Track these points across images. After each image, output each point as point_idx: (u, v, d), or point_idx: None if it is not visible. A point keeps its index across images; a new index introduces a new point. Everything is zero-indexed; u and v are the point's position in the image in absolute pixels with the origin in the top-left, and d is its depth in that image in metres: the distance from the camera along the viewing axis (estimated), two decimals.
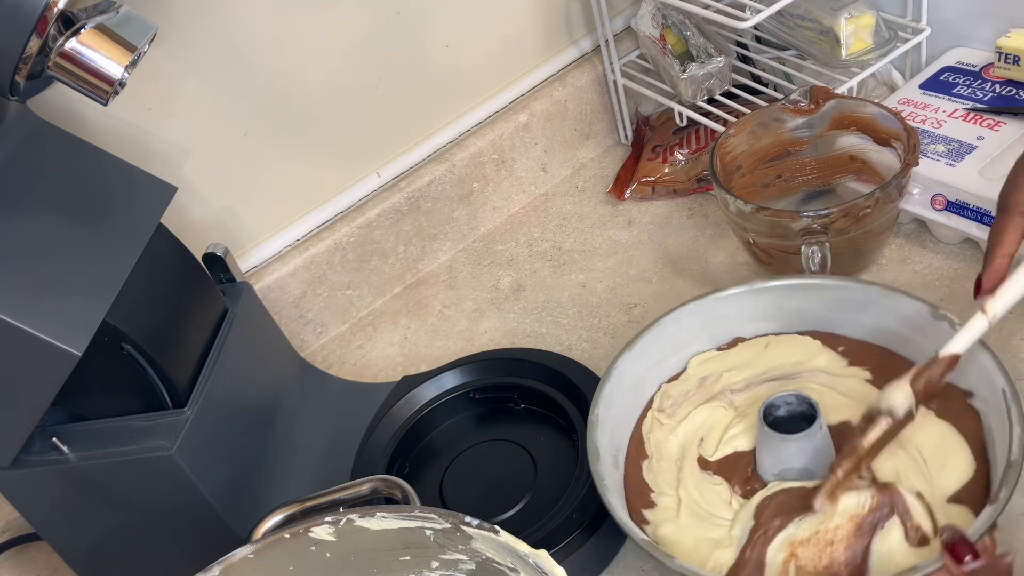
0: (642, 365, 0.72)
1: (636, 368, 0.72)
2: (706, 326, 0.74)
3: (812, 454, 0.64)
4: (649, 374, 0.73)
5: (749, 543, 0.62)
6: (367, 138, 0.96)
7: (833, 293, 0.72)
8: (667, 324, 0.73)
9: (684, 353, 0.75)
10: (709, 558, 0.63)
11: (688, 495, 0.67)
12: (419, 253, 1.01)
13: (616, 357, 0.71)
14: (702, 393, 0.73)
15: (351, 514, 0.59)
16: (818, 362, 0.72)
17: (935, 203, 0.81)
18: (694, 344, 0.75)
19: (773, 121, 0.86)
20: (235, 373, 0.76)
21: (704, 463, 0.69)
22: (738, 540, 0.63)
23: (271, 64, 0.87)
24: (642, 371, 0.73)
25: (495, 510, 0.74)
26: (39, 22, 0.55)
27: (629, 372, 0.71)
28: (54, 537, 0.74)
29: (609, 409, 0.69)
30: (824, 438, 0.65)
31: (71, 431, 0.70)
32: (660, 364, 0.74)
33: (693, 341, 0.75)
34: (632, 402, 0.72)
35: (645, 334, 0.72)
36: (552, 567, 0.53)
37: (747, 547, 0.62)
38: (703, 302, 0.74)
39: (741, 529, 0.63)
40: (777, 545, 0.61)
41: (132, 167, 0.73)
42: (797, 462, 0.64)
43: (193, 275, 0.77)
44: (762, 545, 0.62)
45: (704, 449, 0.69)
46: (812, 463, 0.64)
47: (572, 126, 1.07)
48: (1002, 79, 0.87)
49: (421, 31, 0.95)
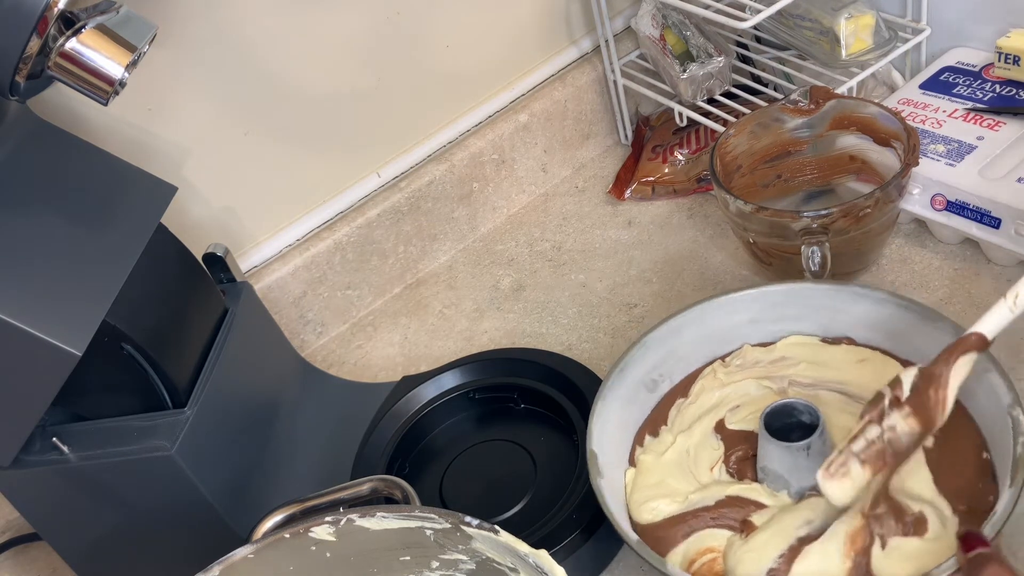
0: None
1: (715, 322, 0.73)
2: (822, 312, 0.72)
3: (791, 465, 0.64)
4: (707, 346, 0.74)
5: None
6: (367, 138, 0.96)
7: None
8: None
9: (784, 326, 0.73)
10: (650, 501, 0.66)
11: (685, 444, 0.69)
12: (419, 253, 1.01)
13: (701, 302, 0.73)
14: (770, 369, 0.73)
15: (351, 514, 0.59)
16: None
17: (935, 203, 0.81)
18: (801, 323, 0.73)
19: (773, 121, 0.86)
20: (235, 373, 0.76)
21: (720, 427, 0.70)
22: (691, 504, 0.65)
23: (271, 64, 0.87)
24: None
25: (495, 510, 0.74)
26: (39, 22, 0.55)
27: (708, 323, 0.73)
28: (54, 537, 0.74)
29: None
30: (813, 455, 0.64)
31: (71, 431, 0.70)
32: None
33: (800, 320, 0.73)
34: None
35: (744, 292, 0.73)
36: (552, 567, 0.53)
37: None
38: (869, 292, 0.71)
39: (700, 497, 0.66)
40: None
41: (132, 167, 0.73)
42: (779, 467, 0.65)
43: (193, 275, 0.77)
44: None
45: (731, 416, 0.70)
46: (789, 473, 0.64)
47: (572, 126, 1.07)
48: (1002, 79, 0.87)
49: (421, 31, 0.95)
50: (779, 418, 0.66)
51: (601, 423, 0.68)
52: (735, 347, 0.74)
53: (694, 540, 0.64)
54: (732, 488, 0.66)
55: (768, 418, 0.65)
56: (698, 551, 0.64)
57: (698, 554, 0.63)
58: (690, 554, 0.64)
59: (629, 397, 0.71)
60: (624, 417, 0.71)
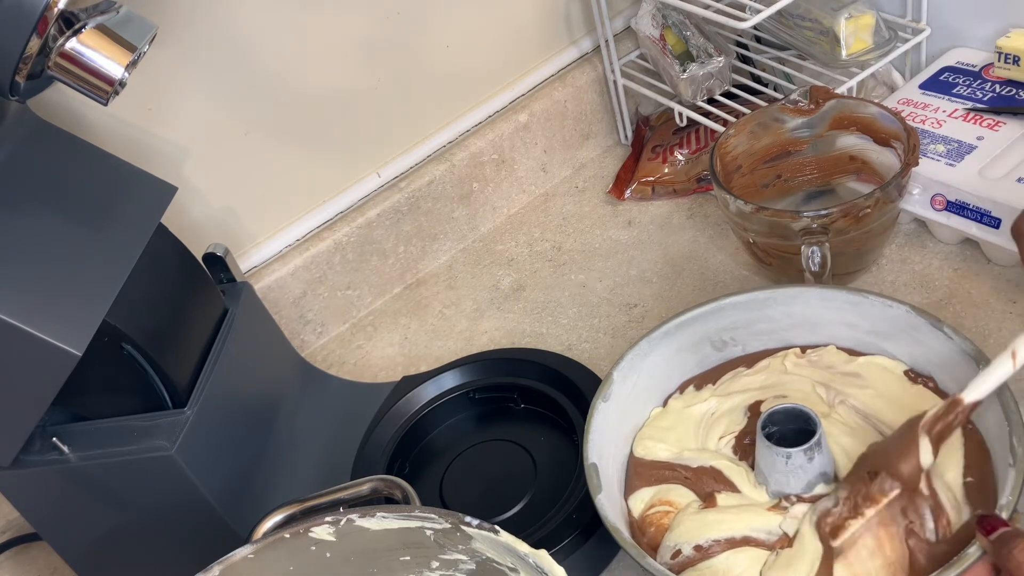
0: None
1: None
2: (919, 346, 0.68)
3: (770, 465, 0.64)
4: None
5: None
6: (367, 138, 0.96)
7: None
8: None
9: (876, 342, 0.70)
10: (651, 439, 0.69)
11: (714, 407, 0.71)
12: (419, 253, 1.01)
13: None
14: (837, 379, 0.70)
15: (351, 514, 0.59)
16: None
17: (935, 203, 0.81)
18: (895, 345, 0.69)
19: (773, 121, 0.86)
20: (235, 373, 0.76)
21: (755, 407, 0.69)
22: (680, 458, 0.67)
23: (271, 64, 0.87)
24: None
25: (495, 510, 0.74)
26: (39, 22, 0.54)
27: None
28: (54, 537, 0.74)
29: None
30: (792, 466, 0.63)
31: (71, 431, 0.70)
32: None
33: (894, 341, 0.69)
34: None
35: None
36: (552, 567, 0.53)
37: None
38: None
39: (691, 456, 0.68)
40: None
41: (132, 167, 0.73)
42: (762, 463, 0.65)
43: (193, 275, 0.77)
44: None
45: (770, 403, 0.68)
46: (768, 471, 0.64)
47: (572, 126, 1.07)
48: (1002, 79, 0.87)
49: (421, 31, 0.95)
50: (792, 420, 0.65)
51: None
52: (820, 342, 0.72)
53: (662, 489, 0.67)
54: (720, 462, 0.67)
55: (776, 415, 0.65)
56: (659, 500, 0.66)
57: (658, 502, 0.66)
58: (652, 500, 0.66)
59: (689, 346, 0.72)
60: (677, 362, 0.72)
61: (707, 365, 0.74)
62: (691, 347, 0.73)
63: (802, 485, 0.63)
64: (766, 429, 0.64)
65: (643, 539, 0.65)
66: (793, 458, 0.62)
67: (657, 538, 0.64)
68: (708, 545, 0.62)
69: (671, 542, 0.63)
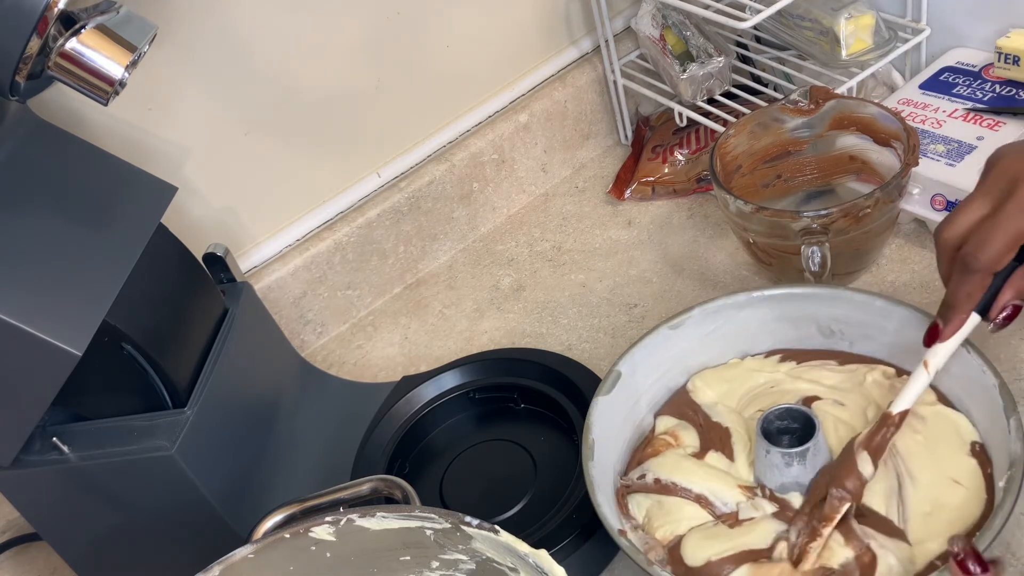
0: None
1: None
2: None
3: (763, 459, 0.65)
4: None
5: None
6: (367, 138, 0.96)
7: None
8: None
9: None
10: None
11: (773, 379, 0.72)
12: (419, 253, 1.01)
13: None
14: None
15: (351, 514, 0.59)
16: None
17: (935, 203, 0.81)
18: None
19: (773, 121, 0.86)
20: (235, 373, 0.76)
21: (808, 402, 0.70)
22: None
23: (271, 64, 0.87)
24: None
25: (495, 510, 0.74)
26: (39, 22, 0.54)
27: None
28: (54, 537, 0.74)
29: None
30: (777, 463, 0.64)
31: (71, 431, 0.70)
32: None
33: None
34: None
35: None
36: (552, 567, 0.53)
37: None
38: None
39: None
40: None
41: (132, 167, 0.73)
42: (756, 453, 0.66)
43: (193, 275, 0.77)
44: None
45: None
46: (758, 463, 0.65)
47: (572, 126, 1.07)
48: (1002, 79, 0.87)
49: (421, 31, 0.95)
50: (805, 427, 0.65)
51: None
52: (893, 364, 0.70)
53: (680, 424, 0.71)
54: (738, 429, 0.69)
55: (797, 413, 0.65)
56: (671, 431, 0.71)
57: (670, 432, 0.70)
58: (668, 428, 0.71)
59: (791, 320, 0.73)
60: (772, 328, 0.73)
61: (807, 345, 0.74)
62: (793, 321, 0.73)
63: (776, 484, 0.65)
64: (778, 419, 0.65)
65: (643, 452, 0.70)
66: (771, 454, 0.64)
67: (647, 457, 0.69)
68: (667, 483, 0.66)
69: (648, 466, 0.68)
